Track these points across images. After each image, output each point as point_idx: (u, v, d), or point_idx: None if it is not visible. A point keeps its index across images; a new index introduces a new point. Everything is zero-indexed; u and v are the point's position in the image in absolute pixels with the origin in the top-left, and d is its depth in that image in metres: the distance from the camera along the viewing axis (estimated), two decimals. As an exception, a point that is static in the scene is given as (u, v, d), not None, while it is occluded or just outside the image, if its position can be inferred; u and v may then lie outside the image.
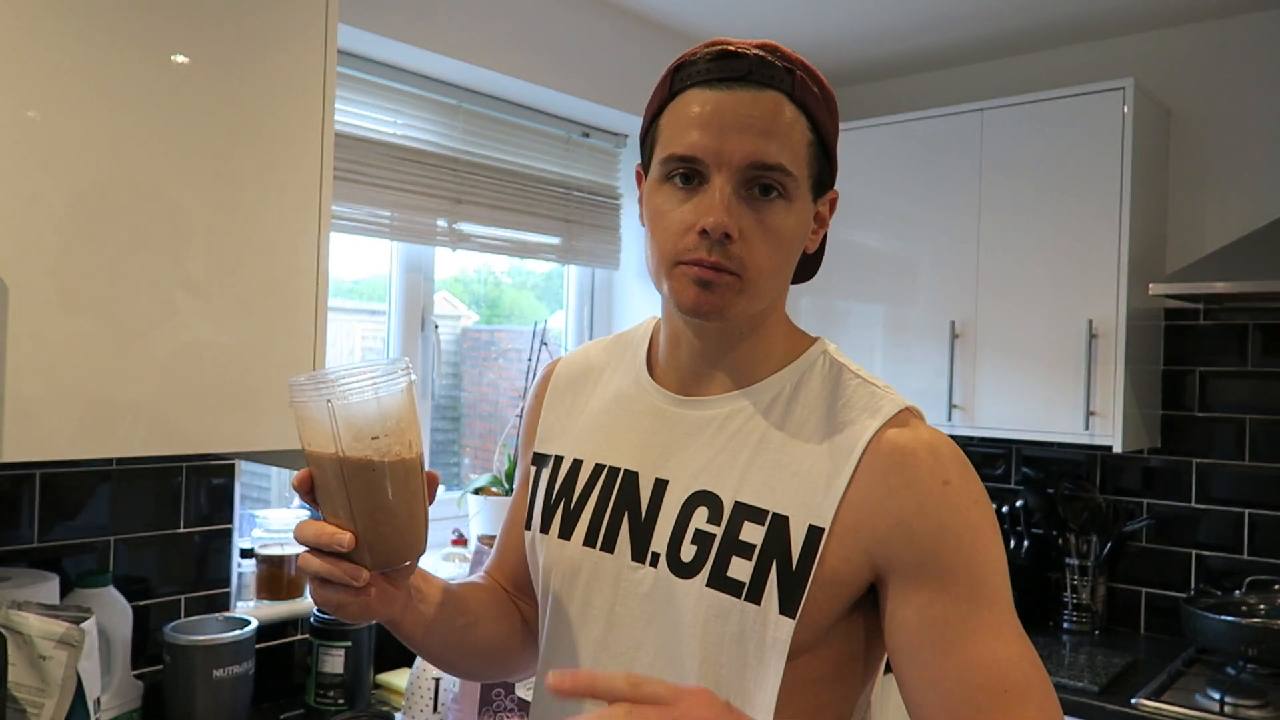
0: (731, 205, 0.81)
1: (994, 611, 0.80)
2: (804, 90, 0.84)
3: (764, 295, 0.86)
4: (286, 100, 1.53)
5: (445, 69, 2.28)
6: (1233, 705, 1.99)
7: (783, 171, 0.82)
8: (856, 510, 0.82)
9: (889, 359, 2.73)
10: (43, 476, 1.66)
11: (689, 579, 0.84)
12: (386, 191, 2.24)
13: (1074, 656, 2.33)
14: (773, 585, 0.81)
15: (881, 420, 0.84)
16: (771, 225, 0.83)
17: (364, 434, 0.77)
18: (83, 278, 1.31)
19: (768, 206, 0.83)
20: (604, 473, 0.93)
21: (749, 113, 0.82)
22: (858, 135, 2.79)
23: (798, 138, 0.84)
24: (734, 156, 0.81)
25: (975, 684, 0.78)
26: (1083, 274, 2.40)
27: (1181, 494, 2.56)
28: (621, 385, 0.98)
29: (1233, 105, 2.52)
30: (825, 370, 0.90)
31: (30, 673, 1.30)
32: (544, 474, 0.99)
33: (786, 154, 0.82)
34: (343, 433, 0.76)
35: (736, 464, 0.86)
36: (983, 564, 0.81)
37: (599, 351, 1.04)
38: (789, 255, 0.87)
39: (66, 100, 1.29)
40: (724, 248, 0.82)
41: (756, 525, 0.83)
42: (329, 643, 1.88)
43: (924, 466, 0.82)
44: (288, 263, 1.54)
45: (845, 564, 0.81)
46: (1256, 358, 2.47)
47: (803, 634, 0.81)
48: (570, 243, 2.69)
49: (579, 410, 1.00)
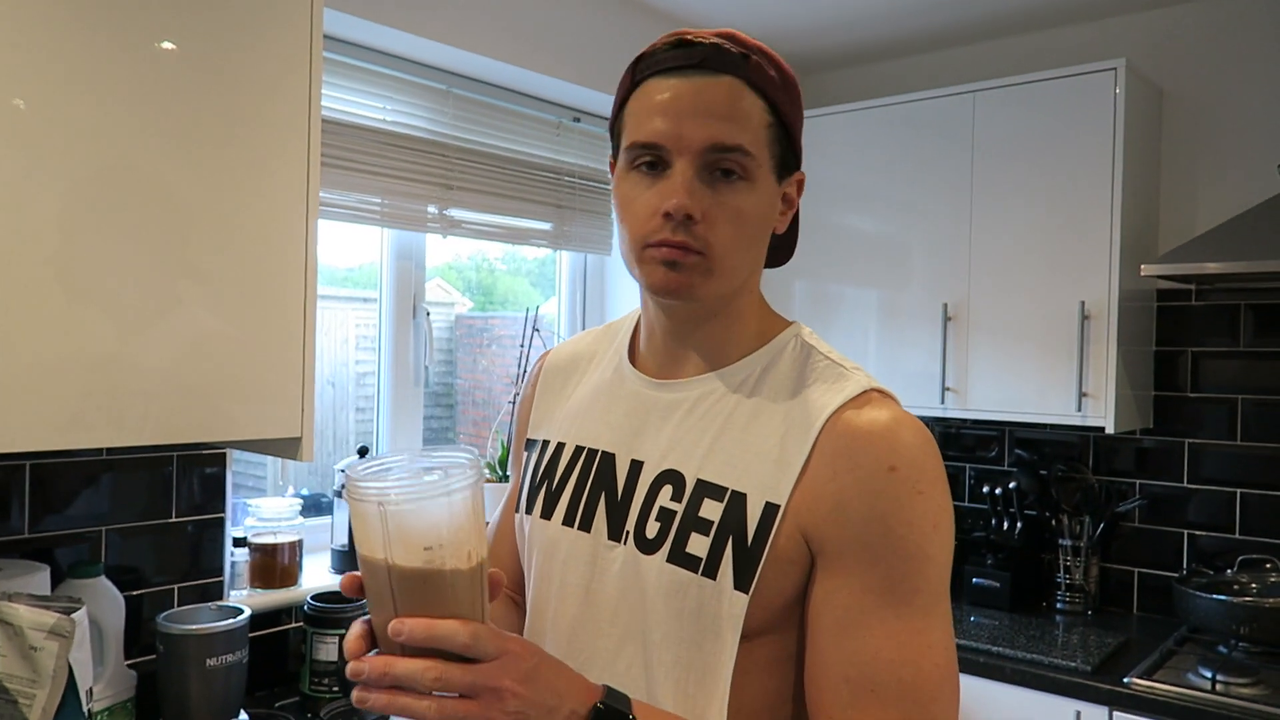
0: (693, 187, 0.83)
1: (900, 611, 0.79)
2: (760, 75, 0.86)
3: (731, 275, 0.87)
4: (273, 86, 1.51)
5: (434, 54, 2.27)
6: (1225, 683, 2.00)
7: (742, 153, 0.84)
8: (805, 491, 0.83)
9: (882, 343, 2.73)
10: (33, 467, 1.65)
11: (652, 555, 0.87)
12: (376, 178, 2.22)
13: (1067, 636, 2.34)
14: (728, 561, 0.83)
15: (842, 400, 0.85)
16: (734, 206, 0.85)
17: (416, 544, 0.69)
18: (71, 267, 1.30)
19: (730, 188, 0.85)
20: (584, 455, 0.96)
21: (707, 98, 0.84)
22: (848, 119, 2.78)
23: (756, 120, 0.85)
24: (694, 141, 0.83)
25: (846, 676, 0.79)
26: (1075, 256, 2.40)
27: (1174, 474, 2.56)
28: (605, 372, 1.01)
29: (1225, 85, 2.51)
30: (795, 352, 0.92)
31: (21, 664, 1.30)
32: (531, 458, 1.02)
33: (745, 136, 0.84)
34: (394, 540, 0.69)
35: (702, 443, 0.88)
36: (907, 559, 0.80)
37: (589, 341, 1.08)
38: (755, 235, 0.88)
39: (53, 89, 1.27)
40: (688, 229, 0.84)
41: (716, 502, 0.85)
42: (323, 630, 1.88)
43: (872, 450, 0.82)
44: (277, 250, 1.53)
45: (791, 542, 0.83)
46: (1249, 338, 2.47)
47: (757, 611, 0.82)
48: (562, 228, 2.68)
49: (566, 397, 1.04)
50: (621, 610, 0.89)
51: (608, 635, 0.89)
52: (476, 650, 0.69)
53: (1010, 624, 2.43)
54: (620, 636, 0.89)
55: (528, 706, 0.70)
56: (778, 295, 2.85)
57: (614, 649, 0.89)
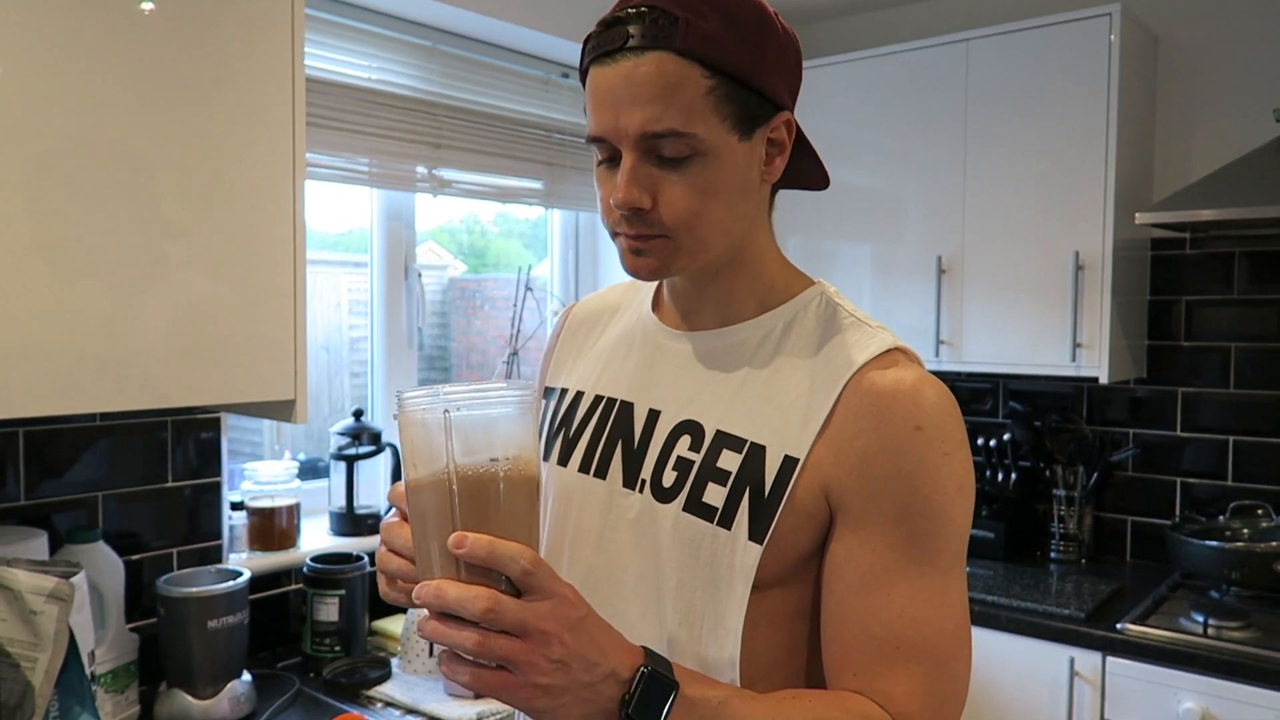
0: (637, 177, 0.81)
1: (923, 570, 0.80)
2: (693, 36, 0.79)
3: (706, 245, 0.85)
4: (255, 45, 1.49)
5: (418, 9, 2.23)
6: (1216, 627, 2.03)
7: (675, 135, 0.80)
8: (828, 445, 0.83)
9: (876, 297, 2.72)
10: (27, 434, 1.65)
11: (667, 504, 0.87)
12: (363, 138, 2.20)
13: (1061, 585, 2.37)
14: (744, 512, 0.83)
15: (867, 357, 0.84)
16: (691, 185, 0.82)
17: (482, 453, 0.68)
18: (54, 234, 1.28)
19: (678, 169, 0.82)
20: (602, 403, 0.96)
21: (633, 83, 0.80)
22: (840, 70, 2.74)
23: (689, 93, 0.80)
24: (629, 130, 0.81)
25: (871, 633, 0.79)
26: (1069, 205, 2.38)
27: (1167, 423, 2.57)
28: (628, 323, 1.01)
29: (1220, 31, 2.48)
30: (820, 309, 0.91)
31: (22, 628, 1.31)
32: (550, 406, 1.02)
33: (676, 116, 0.79)
34: (458, 449, 0.68)
35: (724, 395, 0.88)
36: (932, 519, 0.80)
37: (616, 295, 1.08)
38: (727, 202, 0.84)
39: (29, 53, 1.25)
40: (642, 218, 0.83)
41: (734, 454, 0.85)
42: (323, 591, 1.90)
43: (898, 409, 0.81)
44: (265, 212, 1.52)
45: (810, 497, 0.82)
46: (1243, 286, 2.47)
47: (770, 563, 0.82)
48: (553, 186, 2.65)
49: (589, 347, 1.04)
50: (636, 558, 0.89)
51: (621, 582, 0.89)
52: (532, 582, 0.66)
53: (1005, 573, 2.45)
54: (634, 584, 0.89)
55: (571, 657, 0.66)
56: (771, 251, 2.84)
57: (628, 596, 0.89)
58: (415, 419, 0.69)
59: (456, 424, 0.68)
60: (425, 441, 0.69)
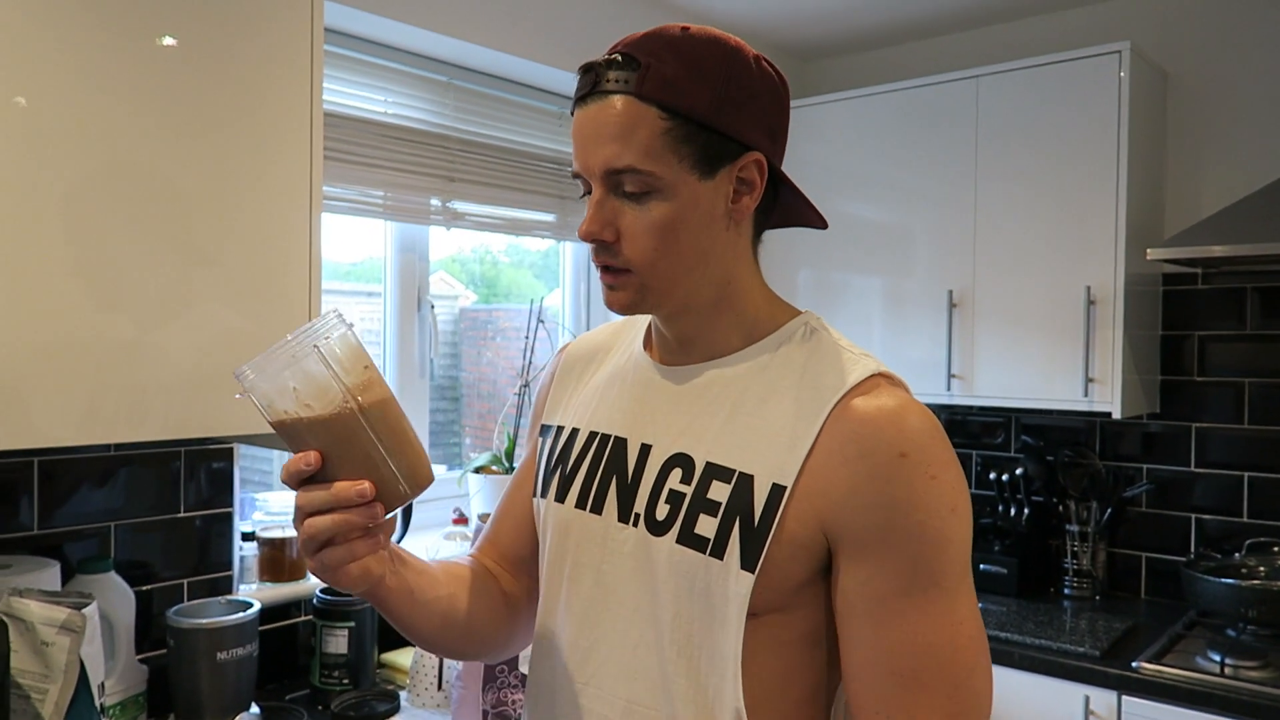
0: (602, 211, 0.88)
1: (929, 595, 0.81)
2: (651, 81, 0.84)
3: (674, 280, 0.89)
4: (275, 80, 1.51)
5: (434, 45, 2.26)
6: (1233, 666, 2.00)
7: (634, 171, 0.85)
8: (815, 475, 0.84)
9: (887, 330, 2.72)
10: (41, 464, 1.66)
11: (661, 536, 0.89)
12: (378, 171, 2.22)
13: (1075, 622, 2.34)
14: (735, 541, 0.84)
15: (849, 385, 0.86)
16: (651, 220, 0.87)
17: (357, 368, 0.78)
18: (89, 260, 1.30)
19: (639, 205, 0.87)
20: (596, 439, 0.98)
21: (598, 122, 0.86)
22: (851, 105, 2.77)
23: (645, 133, 0.85)
24: (594, 166, 0.87)
25: (889, 668, 0.82)
26: (1080, 240, 2.39)
27: (1181, 458, 2.56)
28: (620, 360, 1.03)
29: (1230, 68, 2.50)
30: (804, 338, 0.93)
31: (33, 659, 1.31)
32: (546, 443, 1.04)
33: (634, 154, 0.85)
34: (342, 373, 0.77)
35: (711, 427, 0.90)
36: (928, 543, 0.82)
37: (609, 333, 1.10)
38: (687, 242, 0.88)
39: (56, 85, 1.27)
40: (609, 250, 0.89)
41: (723, 484, 0.87)
42: (332, 623, 1.89)
43: (881, 436, 0.83)
44: (281, 244, 1.53)
45: (802, 527, 0.84)
46: (1255, 321, 2.46)
47: (764, 592, 0.84)
48: (565, 219, 2.67)
49: (583, 385, 1.06)
50: (632, 591, 0.90)
51: (619, 615, 0.91)
52: None
53: (1018, 610, 2.43)
54: (630, 617, 0.90)
55: None
56: (783, 284, 2.85)
57: (624, 629, 0.90)
58: (290, 368, 0.77)
59: (327, 352, 0.77)
60: (308, 383, 0.77)
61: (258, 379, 0.77)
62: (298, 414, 0.78)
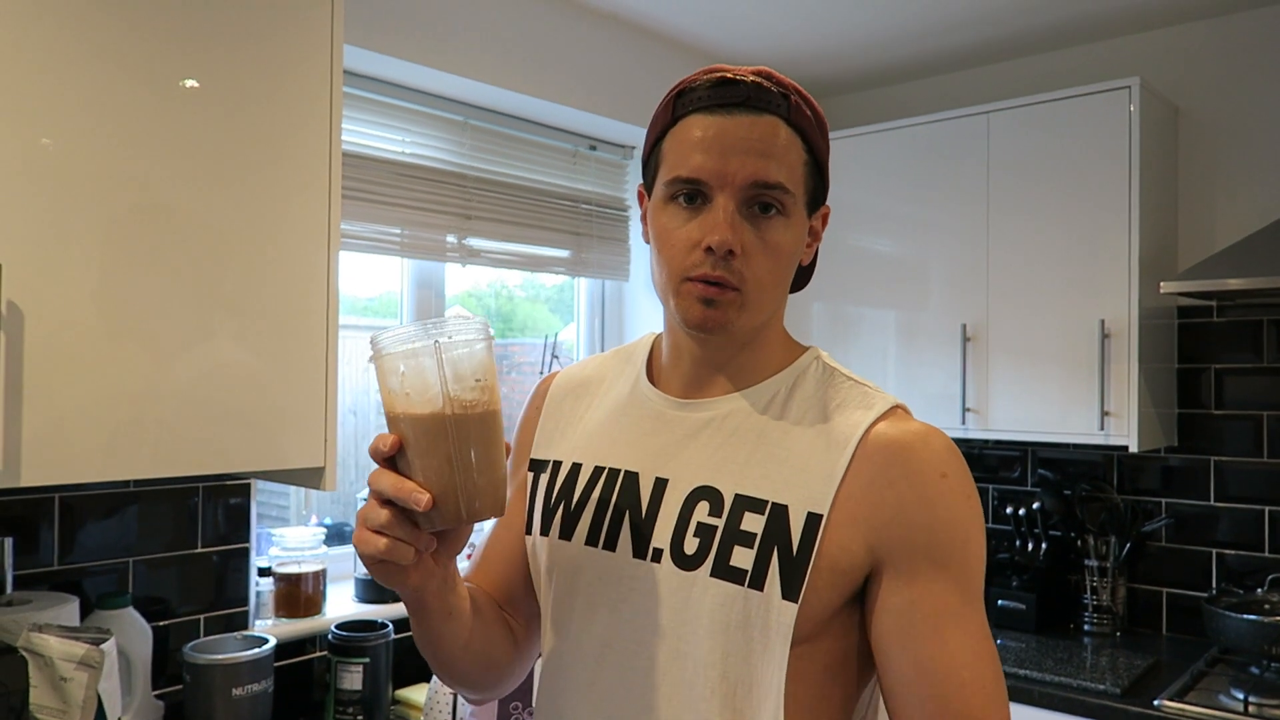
0: (735, 222, 0.87)
1: (974, 608, 0.85)
2: (799, 114, 0.90)
3: (763, 309, 0.92)
4: (295, 121, 1.54)
5: (451, 86, 2.30)
6: (1257, 705, 1.97)
7: (782, 189, 0.88)
8: (855, 501, 0.85)
9: (901, 364, 2.72)
10: (62, 500, 1.68)
11: (693, 570, 0.88)
12: (396, 209, 2.25)
13: (1095, 659, 2.31)
14: (774, 571, 0.84)
15: (874, 415, 0.89)
16: (771, 241, 0.89)
17: (467, 379, 0.77)
18: (116, 299, 1.33)
19: (767, 223, 0.89)
20: (604, 474, 0.96)
21: (749, 135, 0.87)
22: (865, 141, 2.79)
23: (794, 158, 0.89)
24: (736, 177, 0.87)
25: (942, 675, 0.82)
26: (1094, 274, 2.39)
27: (1200, 492, 2.54)
28: (621, 394, 1.02)
29: (1241, 101, 2.51)
30: (818, 373, 0.95)
31: (51, 694, 1.31)
32: (543, 479, 1.02)
33: (785, 172, 0.88)
34: (450, 378, 0.77)
35: (736, 459, 0.90)
36: (971, 559, 0.86)
37: (596, 365, 1.09)
38: (786, 269, 0.92)
39: (79, 126, 1.31)
40: (728, 263, 0.87)
41: (757, 515, 0.87)
42: (347, 660, 1.89)
43: (922, 458, 0.86)
44: (300, 282, 1.55)
45: (844, 553, 0.85)
46: (1272, 353, 2.45)
47: (805, 621, 0.84)
48: (580, 255, 2.70)
49: (578, 418, 1.04)
50: (657, 626, 0.89)
51: (639, 655, 0.89)
52: None
53: (1037, 646, 2.40)
54: (654, 654, 0.89)
55: None
56: (797, 318, 2.86)
57: (648, 667, 0.88)
58: (404, 357, 0.77)
59: (446, 354, 0.77)
60: (417, 376, 0.77)
61: (384, 347, 0.78)
62: (396, 397, 0.79)
